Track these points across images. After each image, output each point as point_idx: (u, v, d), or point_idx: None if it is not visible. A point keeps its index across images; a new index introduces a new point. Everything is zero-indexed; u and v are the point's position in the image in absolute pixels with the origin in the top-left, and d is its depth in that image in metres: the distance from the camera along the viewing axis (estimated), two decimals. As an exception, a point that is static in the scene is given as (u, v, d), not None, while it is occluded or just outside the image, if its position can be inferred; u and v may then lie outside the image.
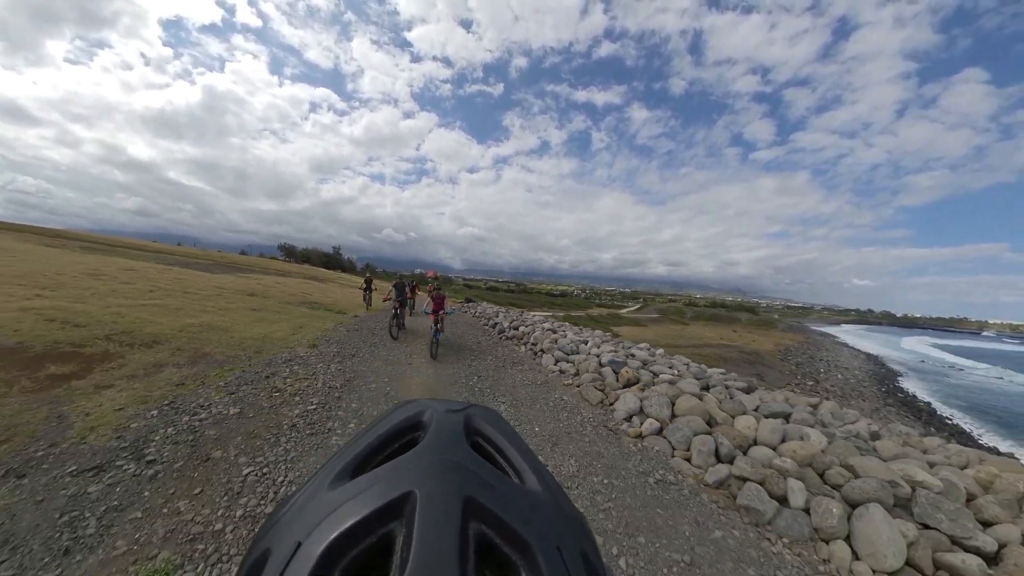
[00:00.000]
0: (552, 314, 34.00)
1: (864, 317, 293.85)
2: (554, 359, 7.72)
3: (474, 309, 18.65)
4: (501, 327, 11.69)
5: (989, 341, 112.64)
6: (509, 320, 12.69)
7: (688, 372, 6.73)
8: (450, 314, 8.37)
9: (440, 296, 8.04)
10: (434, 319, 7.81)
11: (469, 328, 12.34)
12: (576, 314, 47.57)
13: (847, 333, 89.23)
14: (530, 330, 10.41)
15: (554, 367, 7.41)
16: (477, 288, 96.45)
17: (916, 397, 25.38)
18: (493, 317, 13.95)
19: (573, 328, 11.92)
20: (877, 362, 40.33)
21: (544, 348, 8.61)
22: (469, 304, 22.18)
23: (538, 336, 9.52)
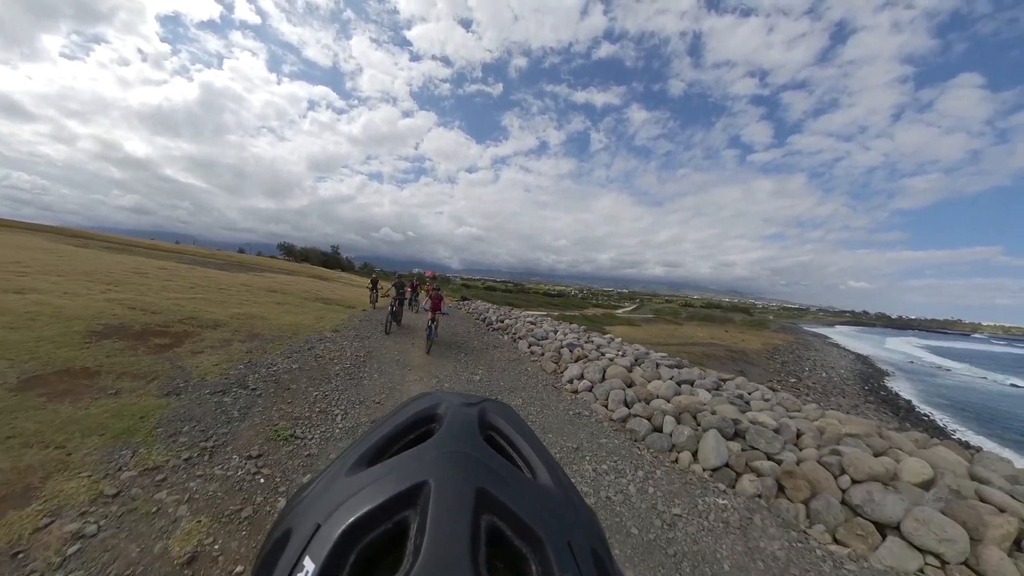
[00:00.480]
0: (547, 313, 35.39)
1: (859, 319, 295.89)
2: (528, 343, 9.53)
3: (469, 306, 20.50)
4: (489, 320, 13.52)
5: (978, 343, 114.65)
6: (497, 315, 14.53)
7: (630, 354, 8.52)
8: (446, 314, 8.93)
9: (438, 296, 8.64)
10: (431, 317, 8.37)
11: (463, 322, 14.14)
12: (571, 313, 49.01)
13: (840, 334, 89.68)
14: (513, 322, 12.24)
15: (527, 349, 9.22)
16: (475, 288, 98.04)
17: (899, 395, 25.73)
18: (484, 313, 15.81)
19: (549, 321, 13.73)
20: (866, 362, 40.78)
21: (521, 336, 10.44)
22: (464, 302, 24.24)
23: (518, 327, 11.33)
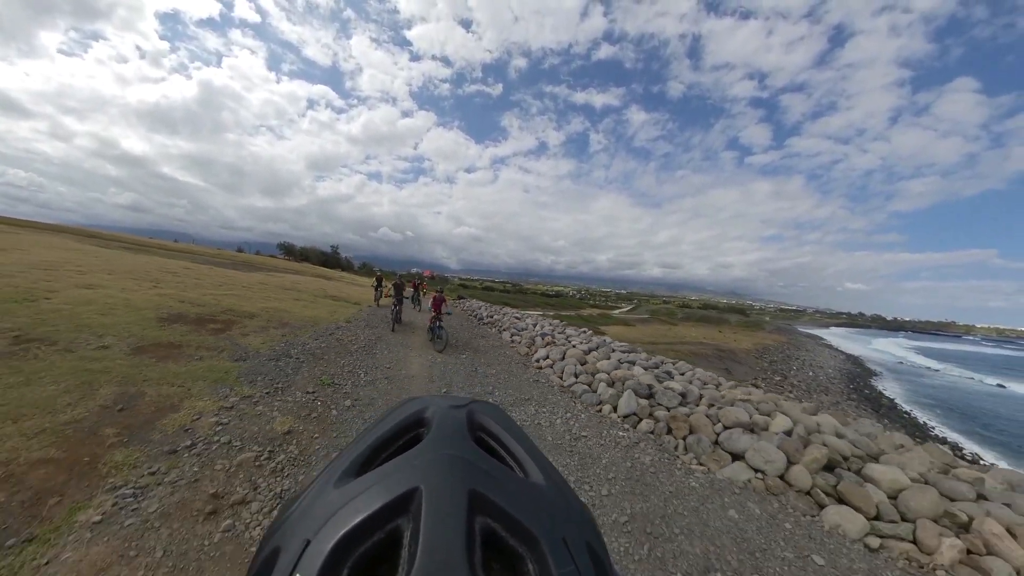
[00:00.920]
0: (543, 313, 36.63)
1: (854, 320, 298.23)
2: (510, 334, 11.29)
3: (464, 304, 22.37)
4: (480, 316, 15.33)
5: (969, 344, 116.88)
6: (487, 312, 16.37)
7: (594, 342, 10.27)
8: (449, 314, 9.55)
9: (440, 298, 9.41)
10: (434, 316, 9.16)
11: (457, 318, 15.90)
12: (566, 314, 50.28)
13: (834, 335, 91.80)
14: (500, 318, 14.03)
15: (509, 338, 10.98)
16: (473, 288, 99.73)
17: (883, 394, 26.71)
18: (477, 310, 17.67)
19: (533, 317, 15.51)
20: (856, 363, 41.62)
21: (505, 328, 12.21)
22: (460, 300, 26.48)
23: (504, 321, 13.10)
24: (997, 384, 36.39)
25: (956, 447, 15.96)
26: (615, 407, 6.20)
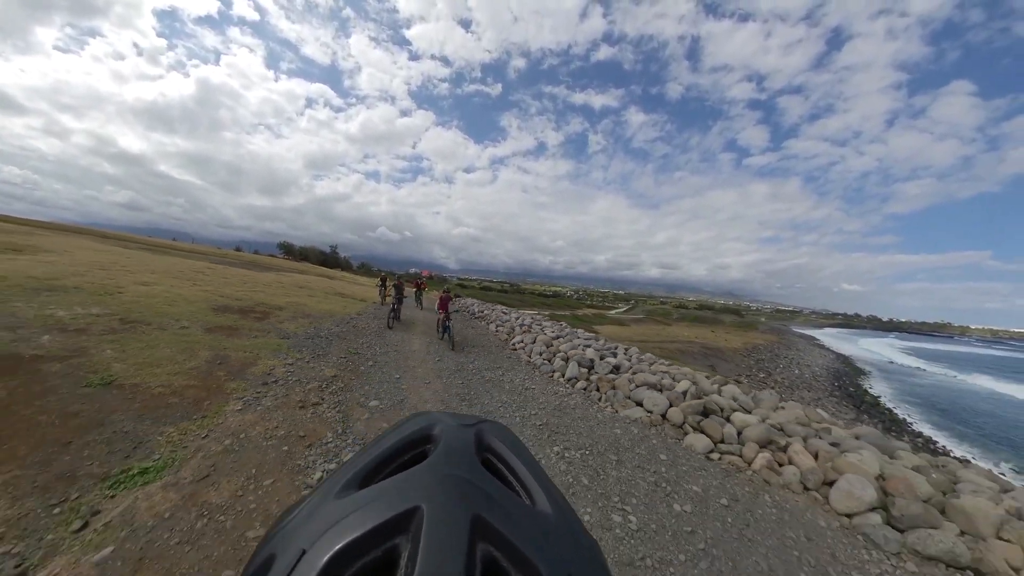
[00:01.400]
0: (538, 312, 38.06)
1: (849, 321, 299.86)
2: (496, 325, 13.34)
3: (460, 302, 24.46)
4: (473, 312, 17.38)
5: (961, 344, 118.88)
6: (480, 308, 18.45)
7: (563, 330, 12.29)
8: (456, 312, 11.37)
9: (447, 297, 10.28)
10: (443, 316, 9.99)
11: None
12: (562, 313, 51.48)
13: (827, 336, 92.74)
14: (489, 312, 16.09)
15: (494, 329, 13.01)
16: (471, 288, 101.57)
17: (867, 392, 26.92)
18: (471, 307, 19.74)
19: (517, 312, 17.55)
20: (846, 362, 41.99)
21: (492, 320, 14.26)
22: (456, 299, 28.62)
23: (493, 316, 15.14)
24: (981, 383, 36.87)
25: (930, 440, 16.81)
26: (564, 374, 8.23)
